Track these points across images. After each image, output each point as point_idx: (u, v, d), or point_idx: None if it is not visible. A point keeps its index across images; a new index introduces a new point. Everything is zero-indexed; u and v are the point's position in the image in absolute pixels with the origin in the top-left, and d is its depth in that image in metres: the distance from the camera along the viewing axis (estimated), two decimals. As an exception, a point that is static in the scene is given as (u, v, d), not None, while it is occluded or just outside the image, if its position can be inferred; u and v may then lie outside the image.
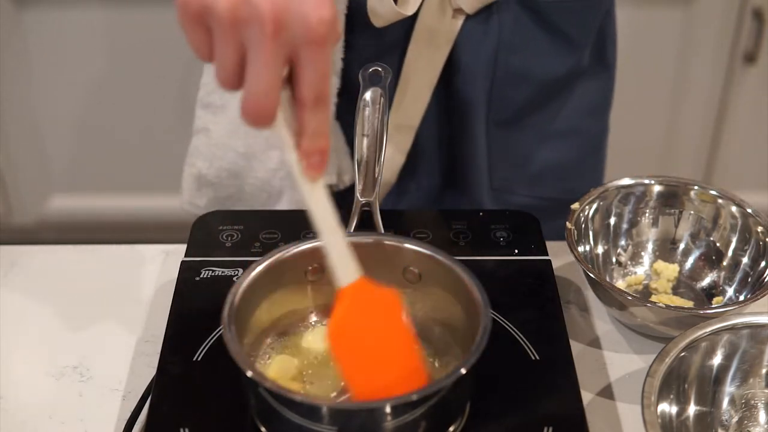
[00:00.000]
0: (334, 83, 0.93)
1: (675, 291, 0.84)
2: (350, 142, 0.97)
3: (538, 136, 0.98)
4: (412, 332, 0.64)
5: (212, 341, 0.73)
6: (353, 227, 0.78)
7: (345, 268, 0.61)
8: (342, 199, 1.02)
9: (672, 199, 0.85)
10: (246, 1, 0.54)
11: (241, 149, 0.97)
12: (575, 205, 0.83)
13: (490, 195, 0.99)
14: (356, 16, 0.89)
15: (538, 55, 0.93)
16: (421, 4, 0.88)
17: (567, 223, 0.81)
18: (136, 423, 0.71)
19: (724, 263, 0.83)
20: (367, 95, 0.80)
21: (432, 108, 0.95)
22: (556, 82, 0.95)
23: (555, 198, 1.00)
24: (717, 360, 0.70)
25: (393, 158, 0.97)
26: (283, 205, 0.99)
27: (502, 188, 0.99)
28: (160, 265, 0.87)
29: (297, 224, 0.84)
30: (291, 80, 0.57)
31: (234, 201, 1.01)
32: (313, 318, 0.73)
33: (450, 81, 0.93)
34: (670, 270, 0.84)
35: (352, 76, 0.88)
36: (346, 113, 0.94)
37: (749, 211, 0.82)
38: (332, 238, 0.61)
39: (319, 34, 0.55)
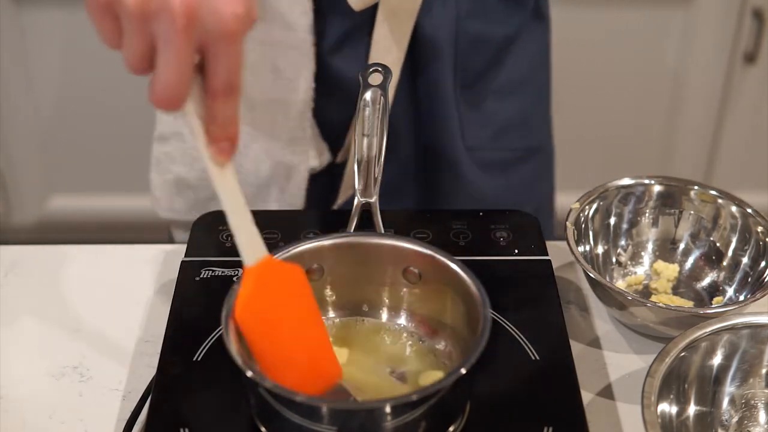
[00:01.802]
0: (310, 73, 0.94)
1: (675, 291, 0.84)
2: (329, 128, 0.99)
3: (497, 93, 1.03)
4: (316, 308, 0.65)
5: (212, 341, 0.73)
6: (353, 227, 0.78)
7: (251, 247, 0.62)
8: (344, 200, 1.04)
9: (672, 199, 0.85)
10: None
11: None
12: (575, 205, 0.83)
13: (465, 155, 1.03)
14: (323, 2, 0.92)
15: (492, 18, 0.98)
16: None
17: (567, 222, 0.81)
18: (136, 423, 0.71)
19: (724, 263, 0.83)
20: (367, 95, 0.80)
21: (403, 82, 0.98)
22: (507, 41, 1.01)
23: (519, 148, 1.06)
24: (717, 360, 0.70)
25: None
26: (272, 199, 1.00)
27: (474, 147, 1.03)
28: (160, 265, 0.87)
29: (297, 224, 0.84)
30: (202, 68, 0.57)
31: (217, 201, 1.01)
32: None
33: (417, 55, 0.96)
34: (670, 270, 0.84)
35: (325, 62, 0.93)
36: (321, 98, 0.96)
37: (749, 211, 0.82)
38: (239, 218, 0.61)
39: (232, 29, 0.55)
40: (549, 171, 1.13)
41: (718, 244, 0.84)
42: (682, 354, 0.67)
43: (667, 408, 0.67)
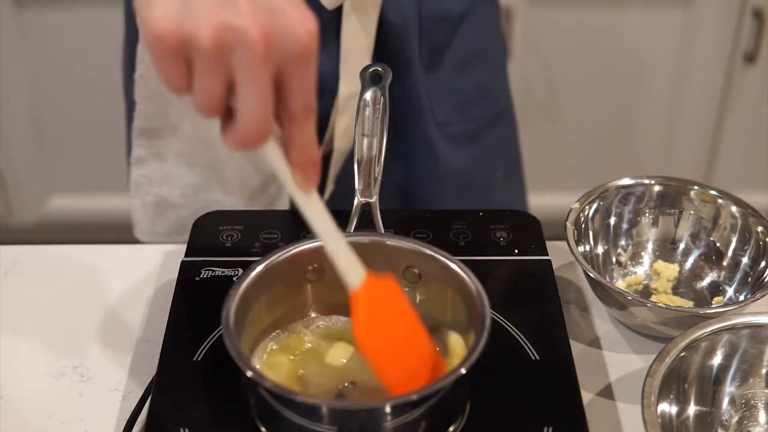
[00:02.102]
0: None
1: (675, 291, 0.84)
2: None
3: (458, 66, 1.05)
4: (413, 309, 0.66)
5: (212, 341, 0.73)
6: (353, 227, 0.78)
7: (352, 270, 0.62)
8: (342, 199, 1.04)
9: (672, 199, 0.85)
10: (230, 27, 0.52)
11: (206, 161, 0.98)
12: (575, 205, 0.83)
13: (437, 131, 1.05)
14: None
15: None
16: None
17: (567, 222, 0.81)
18: (136, 423, 0.71)
19: (724, 263, 0.83)
20: (367, 95, 0.80)
21: None
22: (463, 15, 1.02)
23: (484, 116, 1.09)
24: (717, 360, 0.70)
25: (349, 125, 0.98)
26: (266, 205, 1.00)
27: (443, 122, 1.05)
28: (160, 265, 0.87)
29: (297, 224, 0.84)
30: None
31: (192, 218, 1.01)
32: (313, 317, 0.73)
33: (384, 41, 0.98)
34: (670, 270, 0.84)
35: None
36: None
37: (749, 211, 0.82)
38: (335, 242, 0.61)
39: (309, 49, 0.54)
40: (514, 134, 1.16)
41: (718, 244, 0.84)
42: (682, 354, 0.67)
43: (667, 408, 0.67)
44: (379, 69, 0.81)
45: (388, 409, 0.61)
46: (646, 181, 0.85)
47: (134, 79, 0.96)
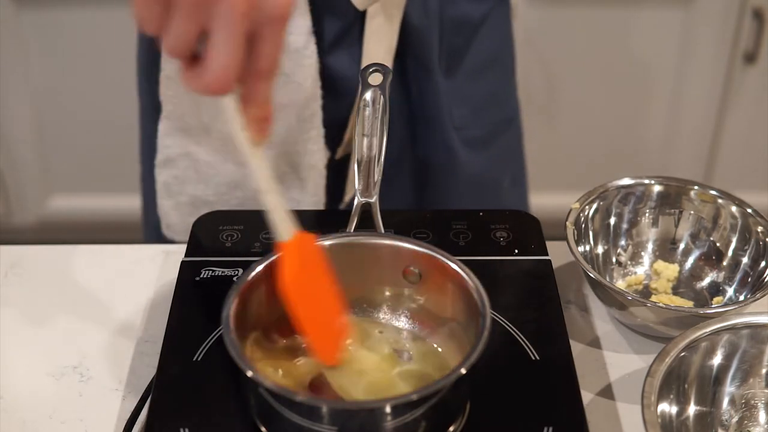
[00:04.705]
0: (315, 72, 0.94)
1: (675, 291, 0.84)
2: (326, 126, 0.99)
3: (473, 72, 1.06)
4: (331, 270, 0.68)
5: (212, 341, 0.73)
6: (353, 227, 0.78)
7: (285, 224, 0.65)
8: (341, 198, 1.04)
9: (672, 199, 0.86)
10: None
11: (240, 158, 0.98)
12: (575, 205, 0.83)
13: (455, 135, 1.06)
14: (317, 3, 0.93)
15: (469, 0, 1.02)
16: None
17: (567, 222, 0.81)
18: (136, 423, 0.71)
19: (724, 263, 0.83)
20: (367, 95, 0.80)
21: (394, 71, 1.00)
22: (481, 22, 1.04)
23: (495, 122, 1.11)
24: (717, 360, 0.70)
25: None
26: (292, 203, 1.00)
27: (461, 126, 1.06)
28: (160, 265, 0.87)
29: (297, 224, 0.84)
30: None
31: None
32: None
33: (406, 44, 0.98)
34: (670, 270, 0.84)
35: (322, 62, 0.95)
36: (324, 98, 0.97)
37: (749, 211, 0.82)
38: (273, 197, 0.64)
39: (287, 12, 0.57)
40: (521, 141, 1.17)
41: (718, 244, 0.84)
42: (682, 354, 0.67)
43: (667, 408, 0.67)
44: (379, 69, 0.81)
45: (388, 409, 0.61)
46: (646, 181, 0.86)
47: (159, 79, 0.96)
